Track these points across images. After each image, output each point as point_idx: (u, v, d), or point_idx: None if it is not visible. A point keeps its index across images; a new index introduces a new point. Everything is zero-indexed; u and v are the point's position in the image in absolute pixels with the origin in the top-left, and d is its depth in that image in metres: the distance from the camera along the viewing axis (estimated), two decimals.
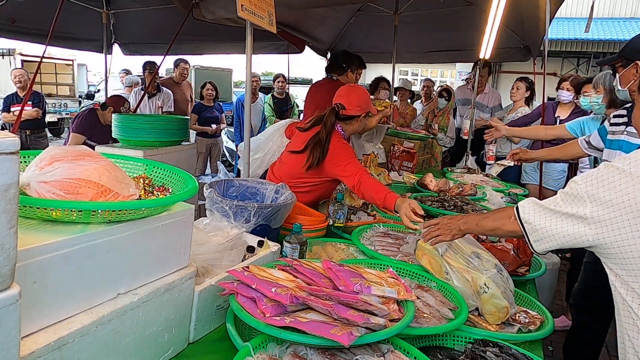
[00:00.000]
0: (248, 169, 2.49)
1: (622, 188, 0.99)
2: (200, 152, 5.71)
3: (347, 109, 2.24)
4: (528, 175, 4.20)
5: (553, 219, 1.10)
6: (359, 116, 2.28)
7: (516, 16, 3.96)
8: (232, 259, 1.46)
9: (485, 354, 1.14)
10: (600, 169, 1.06)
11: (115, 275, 0.97)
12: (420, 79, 15.99)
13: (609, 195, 1.00)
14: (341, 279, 1.16)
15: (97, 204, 0.90)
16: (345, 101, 2.24)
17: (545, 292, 2.76)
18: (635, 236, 0.98)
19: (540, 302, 1.59)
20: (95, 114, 3.99)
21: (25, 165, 0.99)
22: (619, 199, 0.99)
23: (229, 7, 2.45)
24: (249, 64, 2.39)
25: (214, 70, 11.27)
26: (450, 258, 1.54)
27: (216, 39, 5.11)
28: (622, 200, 0.98)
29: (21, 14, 4.16)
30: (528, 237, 1.17)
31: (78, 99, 13.11)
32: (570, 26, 13.11)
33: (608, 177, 1.03)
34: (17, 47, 11.02)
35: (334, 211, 2.08)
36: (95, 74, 19.17)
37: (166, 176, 1.24)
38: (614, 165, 1.04)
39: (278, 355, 1.06)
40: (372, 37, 5.32)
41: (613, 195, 1.00)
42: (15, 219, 0.67)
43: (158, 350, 1.10)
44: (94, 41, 4.98)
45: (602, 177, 1.04)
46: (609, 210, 1.00)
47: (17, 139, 0.65)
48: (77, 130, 3.95)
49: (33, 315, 0.82)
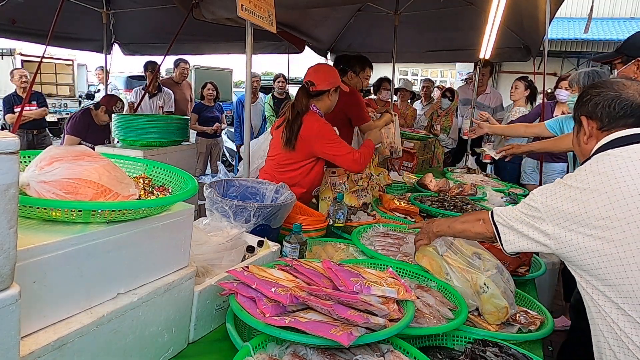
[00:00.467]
0: (248, 169, 2.49)
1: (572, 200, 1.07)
2: (200, 152, 5.71)
3: (317, 85, 2.34)
4: (527, 175, 4.20)
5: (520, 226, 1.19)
6: (329, 91, 2.38)
7: (516, 16, 3.96)
8: (232, 259, 1.46)
9: (485, 354, 1.14)
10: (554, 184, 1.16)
11: (115, 275, 0.97)
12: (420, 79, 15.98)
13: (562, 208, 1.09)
14: (341, 279, 1.16)
15: (97, 204, 0.90)
16: (314, 78, 2.35)
17: (545, 292, 2.76)
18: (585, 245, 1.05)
19: (540, 302, 1.59)
20: (90, 115, 3.97)
21: (25, 165, 0.99)
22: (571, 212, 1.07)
23: (229, 7, 2.45)
24: (249, 64, 2.39)
25: (214, 70, 11.27)
26: (450, 258, 1.54)
27: (216, 39, 5.11)
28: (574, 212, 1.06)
29: (21, 14, 4.15)
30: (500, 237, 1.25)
31: (78, 99, 13.11)
32: (570, 26, 13.10)
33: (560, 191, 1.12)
34: (17, 47, 11.01)
35: (334, 211, 2.08)
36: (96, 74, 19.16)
37: (166, 176, 1.24)
38: (564, 182, 1.13)
39: (278, 355, 1.06)
40: (372, 37, 5.31)
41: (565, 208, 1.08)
42: (15, 219, 0.67)
43: (158, 350, 1.10)
44: (94, 41, 4.98)
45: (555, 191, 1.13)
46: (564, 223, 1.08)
47: (17, 139, 0.65)
48: (70, 132, 3.93)
49: (33, 315, 0.82)
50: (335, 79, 2.41)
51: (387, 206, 2.47)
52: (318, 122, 2.30)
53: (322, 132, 2.27)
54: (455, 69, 14.57)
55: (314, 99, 2.36)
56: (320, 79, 2.35)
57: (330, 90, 2.37)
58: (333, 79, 2.39)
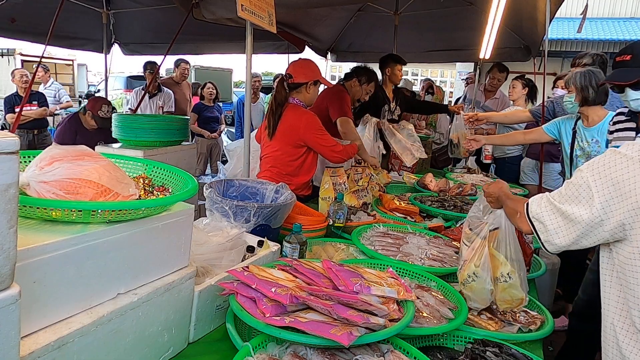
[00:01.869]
0: (248, 169, 2.49)
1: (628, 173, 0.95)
2: (200, 152, 5.71)
3: (294, 77, 2.46)
4: (527, 175, 4.20)
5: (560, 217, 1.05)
6: (307, 84, 2.47)
7: (516, 16, 3.95)
8: (232, 259, 1.46)
9: (485, 354, 1.14)
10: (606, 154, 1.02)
11: (115, 275, 0.97)
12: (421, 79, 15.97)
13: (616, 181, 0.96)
14: (341, 279, 1.16)
15: (97, 204, 0.90)
16: (292, 71, 2.48)
17: (545, 292, 2.76)
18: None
19: (540, 302, 1.59)
20: (78, 119, 3.69)
21: (25, 165, 0.99)
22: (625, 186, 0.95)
23: (229, 7, 2.45)
24: (249, 64, 2.39)
25: (214, 70, 11.28)
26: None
27: (216, 39, 5.11)
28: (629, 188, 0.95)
29: (21, 14, 4.15)
30: (539, 236, 1.12)
31: (78, 99, 13.10)
32: (570, 26, 13.09)
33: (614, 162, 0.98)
34: (17, 47, 11.01)
35: (334, 211, 2.08)
36: (96, 74, 19.18)
37: (166, 176, 1.24)
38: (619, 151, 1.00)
39: (278, 355, 1.06)
40: (372, 37, 5.31)
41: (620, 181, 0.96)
42: (15, 219, 0.67)
43: (158, 350, 1.10)
44: (94, 41, 4.98)
45: (608, 163, 0.99)
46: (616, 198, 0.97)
47: (17, 139, 0.65)
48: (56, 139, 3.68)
49: (33, 315, 0.82)
50: (314, 73, 2.49)
51: (387, 206, 2.47)
52: (305, 113, 2.43)
53: (312, 123, 2.41)
54: (455, 69, 14.56)
55: (293, 91, 2.47)
56: (298, 72, 2.46)
57: (308, 83, 2.47)
58: (312, 72, 2.48)
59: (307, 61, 2.61)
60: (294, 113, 2.43)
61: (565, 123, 2.83)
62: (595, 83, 2.56)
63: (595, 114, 2.61)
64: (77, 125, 3.67)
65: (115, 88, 12.56)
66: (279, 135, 2.45)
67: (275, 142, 2.47)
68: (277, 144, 2.46)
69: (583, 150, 2.67)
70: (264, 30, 2.42)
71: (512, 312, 1.46)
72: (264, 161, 2.56)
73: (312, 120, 2.43)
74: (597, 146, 2.60)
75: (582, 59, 3.11)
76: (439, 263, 1.74)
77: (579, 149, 2.71)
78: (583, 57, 3.12)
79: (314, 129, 2.42)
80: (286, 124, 2.43)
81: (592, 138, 2.63)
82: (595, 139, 2.62)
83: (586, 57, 3.11)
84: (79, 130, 3.66)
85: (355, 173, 2.64)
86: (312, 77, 2.47)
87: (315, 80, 2.49)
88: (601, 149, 2.58)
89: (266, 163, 2.53)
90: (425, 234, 2.05)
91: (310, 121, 2.42)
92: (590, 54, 3.14)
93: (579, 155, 2.72)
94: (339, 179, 2.45)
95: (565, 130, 2.81)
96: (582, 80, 2.56)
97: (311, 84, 2.49)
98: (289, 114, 2.43)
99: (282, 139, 2.45)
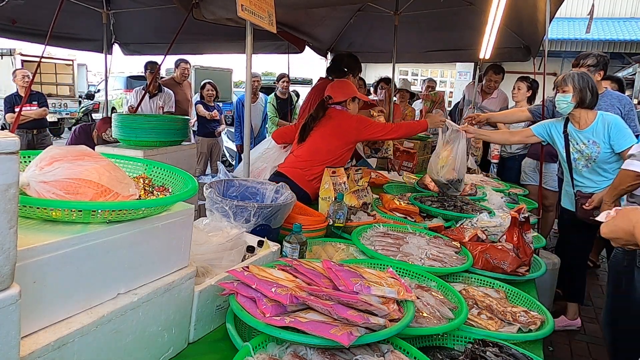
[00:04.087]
0: (248, 169, 2.49)
1: None
2: (200, 152, 5.72)
3: (334, 98, 2.72)
4: (528, 175, 4.20)
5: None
6: (345, 101, 2.73)
7: (516, 16, 3.95)
8: (232, 259, 1.46)
9: (485, 354, 1.14)
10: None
11: (115, 275, 0.97)
12: (421, 79, 15.96)
13: None
14: (341, 279, 1.16)
15: (97, 204, 0.90)
16: (331, 92, 2.75)
17: (545, 292, 2.76)
18: None
19: (540, 302, 1.59)
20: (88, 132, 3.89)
21: (25, 165, 0.99)
22: None
23: (229, 7, 2.45)
24: (249, 64, 2.39)
25: (214, 70, 11.27)
26: None
27: (216, 39, 5.11)
28: None
29: (21, 15, 4.15)
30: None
31: (78, 99, 13.12)
32: (570, 26, 13.10)
33: None
34: (17, 47, 11.02)
35: (334, 211, 2.08)
36: (96, 74, 19.18)
37: (166, 176, 1.24)
38: None
39: (278, 355, 1.06)
40: (372, 37, 5.31)
41: None
42: (15, 219, 0.67)
43: (158, 350, 1.10)
44: (94, 41, 4.98)
45: None
46: None
47: (17, 139, 0.65)
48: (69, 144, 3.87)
49: (33, 315, 0.82)
50: (351, 90, 2.75)
51: (387, 206, 2.47)
52: (352, 116, 2.69)
53: (360, 121, 2.69)
54: (455, 69, 14.56)
55: None
56: (337, 92, 2.73)
57: (346, 100, 2.72)
58: (348, 90, 2.74)
59: (343, 81, 2.90)
60: (342, 114, 2.67)
61: (555, 126, 2.82)
62: (592, 86, 2.57)
63: (587, 116, 2.63)
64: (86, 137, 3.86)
65: (115, 88, 12.57)
66: (325, 132, 2.63)
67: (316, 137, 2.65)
68: (319, 139, 2.64)
69: (581, 153, 2.67)
70: (264, 30, 2.42)
71: (512, 312, 1.46)
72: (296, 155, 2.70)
73: (362, 119, 2.72)
74: (596, 147, 2.60)
75: (587, 59, 3.11)
76: (439, 263, 1.74)
77: (576, 152, 2.71)
78: (587, 58, 3.12)
79: (365, 122, 2.68)
80: (334, 123, 2.64)
81: (588, 140, 2.63)
82: (591, 140, 2.62)
83: (590, 58, 3.10)
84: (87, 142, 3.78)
85: (355, 173, 2.64)
86: (349, 94, 2.72)
87: (353, 97, 2.72)
88: (601, 150, 2.58)
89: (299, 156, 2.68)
90: (425, 234, 2.05)
91: (361, 118, 2.72)
92: (594, 54, 3.13)
93: (577, 158, 2.72)
94: (339, 179, 2.45)
95: (556, 133, 2.81)
96: (581, 82, 2.57)
97: (350, 101, 2.73)
98: (336, 113, 2.67)
99: (330, 134, 2.63)
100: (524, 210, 1.91)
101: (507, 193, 3.15)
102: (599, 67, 3.09)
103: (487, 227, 2.12)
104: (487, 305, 1.50)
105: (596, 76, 3.05)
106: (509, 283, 1.72)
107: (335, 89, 2.76)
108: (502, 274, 1.74)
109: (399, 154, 3.85)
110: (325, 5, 3.88)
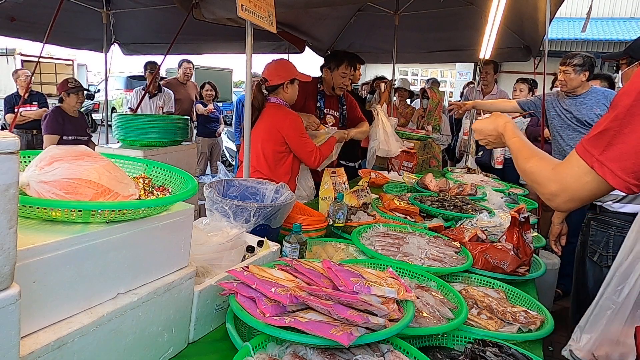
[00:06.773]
0: (248, 169, 2.49)
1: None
2: (201, 152, 5.72)
3: (270, 80, 2.53)
4: None
5: None
6: (283, 84, 2.52)
7: (516, 16, 3.96)
8: (232, 259, 1.46)
9: (485, 354, 1.14)
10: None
11: (115, 275, 0.97)
12: (421, 79, 15.97)
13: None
14: (341, 279, 1.16)
15: (97, 204, 0.90)
16: (267, 74, 2.54)
17: (546, 292, 2.76)
18: None
19: (540, 302, 1.59)
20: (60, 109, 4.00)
21: (25, 165, 0.99)
22: None
23: (229, 7, 2.46)
24: (249, 64, 2.39)
25: (214, 70, 11.29)
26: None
27: (216, 39, 5.11)
28: None
29: (21, 13, 4.15)
30: None
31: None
32: (570, 26, 13.10)
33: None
34: (17, 47, 11.02)
35: (334, 211, 2.08)
36: (96, 74, 19.18)
37: (166, 176, 1.24)
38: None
39: (278, 355, 1.06)
40: (372, 37, 5.31)
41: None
42: (15, 219, 0.67)
43: (158, 350, 1.10)
44: (94, 41, 4.98)
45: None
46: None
47: (17, 139, 0.65)
48: (46, 131, 3.94)
49: (33, 315, 0.82)
50: (289, 72, 2.54)
51: (387, 206, 2.47)
52: (290, 114, 2.49)
53: (295, 126, 2.47)
54: (455, 69, 14.57)
55: (271, 93, 2.55)
56: (272, 75, 2.52)
57: (284, 83, 2.51)
58: (286, 72, 2.53)
59: (280, 61, 2.64)
60: (277, 111, 2.48)
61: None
62: None
63: None
64: (61, 113, 3.98)
65: (115, 88, 12.57)
66: (260, 132, 2.48)
67: (255, 141, 2.49)
68: (258, 142, 2.49)
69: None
70: (264, 30, 2.42)
71: (512, 312, 1.46)
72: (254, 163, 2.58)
73: (296, 122, 2.48)
74: None
75: (573, 59, 3.13)
76: (439, 263, 1.74)
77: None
78: (574, 57, 3.14)
79: (298, 131, 2.47)
80: (268, 122, 2.48)
81: None
82: None
83: (577, 58, 3.12)
84: (65, 118, 3.97)
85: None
86: (286, 76, 2.51)
87: (291, 79, 2.52)
88: None
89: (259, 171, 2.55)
90: (425, 234, 2.05)
91: (295, 122, 2.47)
92: (581, 54, 3.15)
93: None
94: (339, 179, 2.45)
95: None
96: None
97: (288, 84, 2.53)
98: (271, 112, 2.49)
99: (263, 136, 2.48)
100: (524, 210, 1.90)
101: (507, 193, 3.14)
102: (585, 68, 3.10)
103: (487, 227, 2.12)
104: (487, 305, 1.50)
105: (581, 76, 3.08)
106: (509, 283, 1.72)
107: (271, 70, 2.54)
108: (502, 274, 1.74)
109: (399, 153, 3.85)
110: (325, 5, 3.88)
